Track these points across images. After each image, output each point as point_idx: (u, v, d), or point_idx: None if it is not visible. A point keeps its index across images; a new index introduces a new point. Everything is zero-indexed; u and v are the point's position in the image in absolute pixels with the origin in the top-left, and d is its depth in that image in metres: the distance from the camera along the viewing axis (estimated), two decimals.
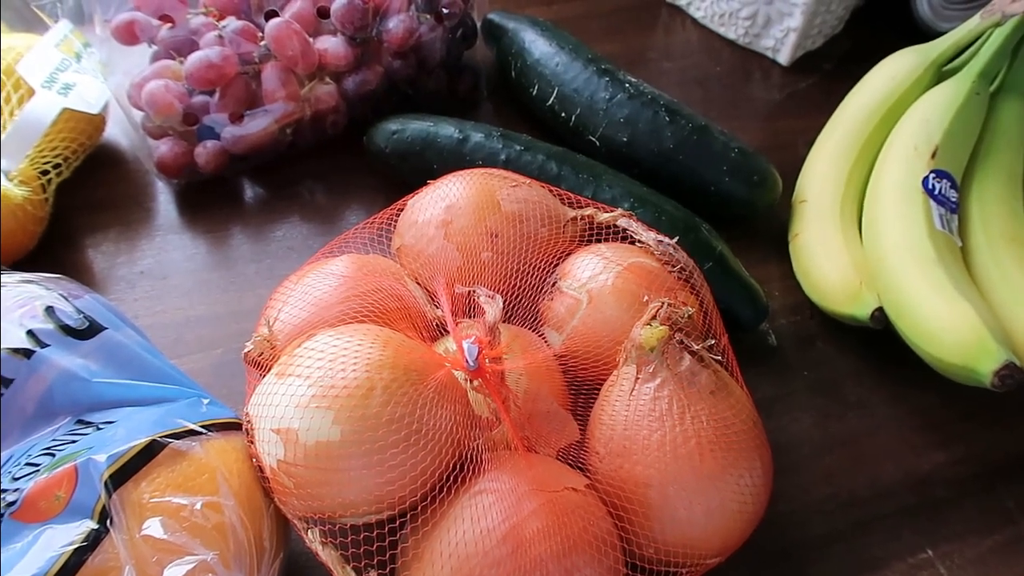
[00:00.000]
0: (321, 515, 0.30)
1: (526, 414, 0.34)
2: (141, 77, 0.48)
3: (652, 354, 0.33)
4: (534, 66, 0.54)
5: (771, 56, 0.64)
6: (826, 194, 0.48)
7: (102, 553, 0.27)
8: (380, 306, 0.36)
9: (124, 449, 0.29)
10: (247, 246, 0.50)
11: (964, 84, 0.46)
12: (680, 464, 0.32)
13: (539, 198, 0.41)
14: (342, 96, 0.51)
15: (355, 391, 0.29)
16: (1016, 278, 0.41)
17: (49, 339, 0.33)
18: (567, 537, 0.29)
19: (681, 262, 0.39)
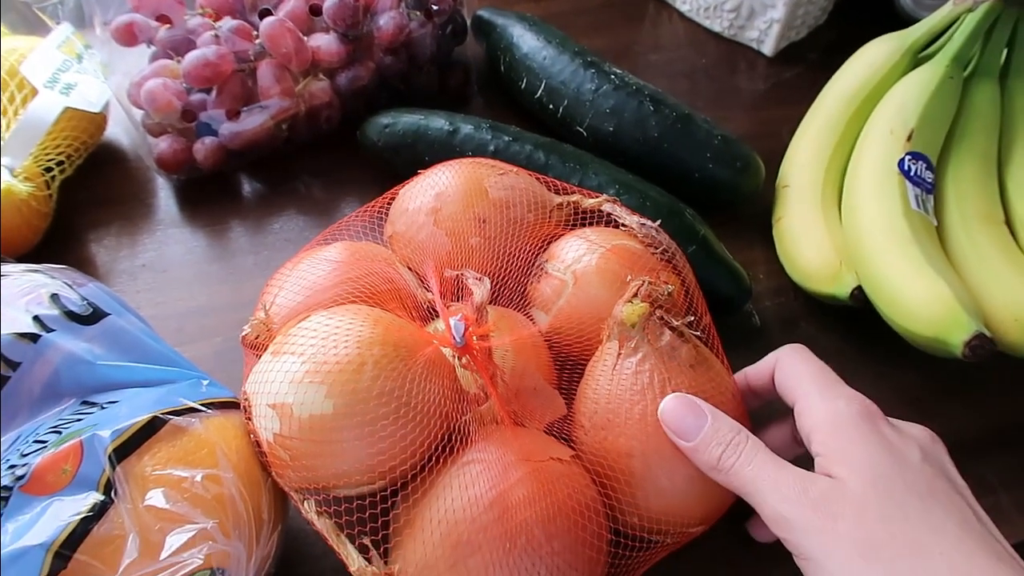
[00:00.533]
0: (316, 486, 0.32)
1: (513, 390, 0.35)
2: (140, 76, 0.50)
3: (633, 330, 0.34)
4: (523, 60, 0.55)
5: (756, 47, 0.65)
6: (808, 179, 0.49)
7: (107, 522, 0.29)
8: (372, 289, 0.37)
9: (127, 425, 0.31)
10: (245, 239, 0.51)
11: (938, 69, 0.47)
12: (661, 435, 0.33)
13: (526, 185, 0.43)
14: (335, 92, 0.53)
15: (347, 366, 0.31)
16: (989, 255, 0.42)
17: (54, 324, 0.34)
18: (551, 504, 0.31)
19: (664, 244, 0.41)
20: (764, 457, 0.31)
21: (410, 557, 0.31)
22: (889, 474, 0.29)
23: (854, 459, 0.29)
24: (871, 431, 0.30)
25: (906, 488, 0.28)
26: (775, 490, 0.30)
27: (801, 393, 0.33)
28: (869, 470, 0.29)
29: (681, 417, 0.32)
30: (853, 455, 0.30)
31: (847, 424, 0.30)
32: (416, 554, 0.30)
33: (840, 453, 0.30)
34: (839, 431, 0.30)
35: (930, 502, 0.28)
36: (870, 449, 0.30)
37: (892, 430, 0.31)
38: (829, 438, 0.31)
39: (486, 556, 0.30)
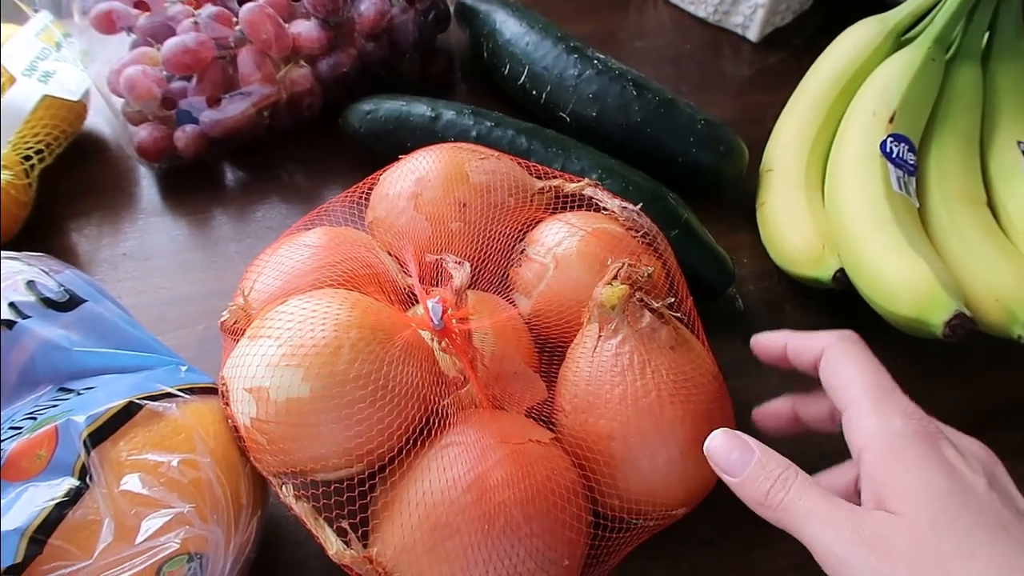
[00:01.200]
0: (294, 470, 0.31)
1: (493, 374, 0.35)
2: (120, 63, 0.49)
3: (613, 312, 0.34)
4: (505, 46, 0.55)
5: (741, 33, 0.65)
6: (791, 162, 0.49)
7: (83, 507, 0.29)
8: (351, 274, 0.37)
9: (102, 410, 0.30)
10: (228, 227, 0.51)
11: (920, 51, 0.47)
12: (641, 416, 0.33)
13: (507, 169, 0.42)
14: (317, 79, 0.52)
15: (323, 349, 0.31)
16: (971, 236, 0.42)
17: (30, 311, 0.34)
18: (530, 485, 0.31)
19: (645, 227, 0.41)
20: (814, 492, 0.28)
21: (388, 540, 0.31)
22: (952, 507, 0.26)
23: (912, 490, 0.26)
24: (931, 455, 0.27)
25: (972, 522, 0.25)
26: (827, 527, 0.27)
27: (851, 402, 0.30)
28: (929, 504, 0.26)
29: (727, 452, 0.30)
30: (911, 486, 0.26)
31: (904, 447, 0.27)
32: (394, 537, 0.30)
33: (896, 484, 0.27)
34: (895, 456, 0.27)
35: (1000, 536, 0.25)
36: (930, 477, 0.26)
37: (954, 452, 0.27)
38: (883, 463, 0.28)
39: (464, 538, 0.30)
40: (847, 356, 0.31)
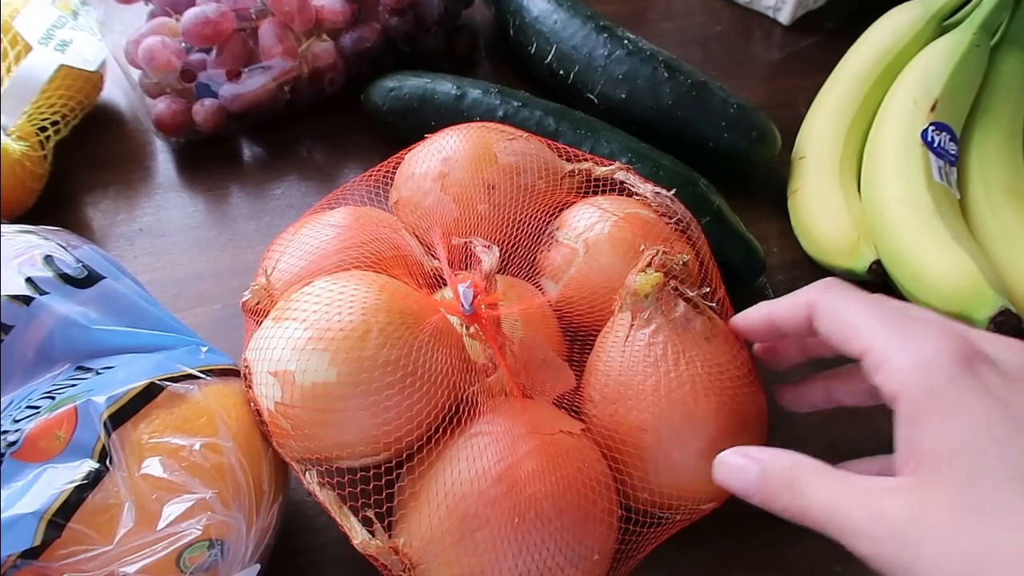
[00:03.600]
0: (318, 457, 0.31)
1: (522, 362, 0.34)
2: (138, 34, 0.48)
3: (647, 301, 0.33)
4: (532, 24, 0.54)
5: (772, 15, 0.63)
6: (825, 150, 0.48)
7: (102, 491, 0.28)
8: (377, 255, 0.36)
9: (123, 391, 0.30)
10: (246, 204, 0.50)
11: (965, 36, 0.46)
12: (674, 408, 0.32)
13: (536, 151, 0.41)
14: (339, 54, 0.51)
15: (351, 333, 0.30)
16: (1014, 229, 0.41)
17: (48, 287, 0.33)
18: (561, 478, 0.30)
19: (678, 213, 0.39)
20: (827, 486, 0.26)
21: (415, 531, 0.30)
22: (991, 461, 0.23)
23: (946, 445, 0.24)
24: (971, 388, 0.24)
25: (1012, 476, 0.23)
26: (850, 528, 0.25)
27: (869, 343, 0.27)
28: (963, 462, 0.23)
29: (726, 475, 0.30)
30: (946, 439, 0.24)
31: (941, 382, 0.24)
32: (421, 527, 0.30)
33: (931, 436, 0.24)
34: (934, 397, 0.24)
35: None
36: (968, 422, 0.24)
37: (996, 375, 0.24)
38: (919, 407, 0.24)
39: (494, 530, 0.29)
40: (842, 299, 0.29)
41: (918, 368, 0.25)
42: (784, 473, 0.27)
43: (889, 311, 0.27)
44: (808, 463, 0.27)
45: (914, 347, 0.25)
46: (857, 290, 0.29)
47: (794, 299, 0.31)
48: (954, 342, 0.25)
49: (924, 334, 0.26)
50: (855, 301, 0.28)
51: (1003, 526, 0.22)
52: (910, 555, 0.23)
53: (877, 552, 0.24)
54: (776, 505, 0.27)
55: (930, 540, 0.23)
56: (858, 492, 0.25)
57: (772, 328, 0.32)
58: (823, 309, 0.29)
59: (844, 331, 0.28)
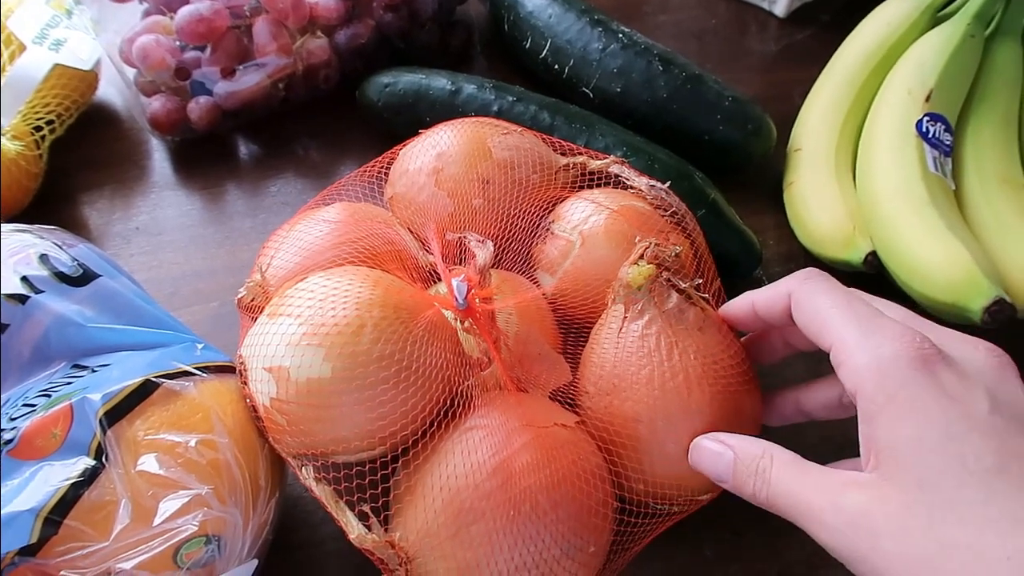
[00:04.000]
0: (314, 452, 0.31)
1: (517, 356, 0.34)
2: (132, 32, 0.48)
3: (640, 292, 0.33)
4: (527, 18, 0.54)
5: (767, 8, 0.63)
6: (821, 142, 0.48)
7: (99, 488, 0.28)
8: (372, 251, 0.36)
9: (118, 388, 0.30)
10: (242, 202, 0.50)
11: (959, 27, 0.46)
12: (668, 398, 0.32)
13: (531, 145, 0.41)
14: (334, 50, 0.51)
15: (345, 329, 0.30)
16: (1008, 219, 0.41)
17: (44, 285, 0.33)
18: (556, 470, 0.30)
19: (673, 206, 0.39)
20: (791, 475, 0.27)
21: (411, 525, 0.30)
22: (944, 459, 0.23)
23: (902, 443, 0.24)
24: (927, 387, 0.24)
25: (965, 472, 0.23)
26: (810, 517, 0.26)
27: (835, 337, 0.27)
28: (918, 460, 0.24)
29: (701, 459, 0.30)
30: (900, 439, 0.24)
31: (898, 385, 0.25)
32: (417, 521, 0.30)
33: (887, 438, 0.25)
34: (888, 397, 0.25)
35: (997, 482, 0.23)
36: (923, 421, 0.24)
37: (953, 375, 0.25)
38: (876, 408, 0.25)
39: (489, 524, 0.29)
40: (817, 291, 0.29)
41: (876, 368, 0.25)
42: (755, 461, 0.28)
43: (860, 307, 0.28)
44: (779, 453, 0.28)
45: (875, 346, 0.26)
46: (834, 283, 0.29)
47: (775, 289, 0.31)
48: (914, 343, 0.25)
49: (886, 334, 0.26)
50: (829, 294, 0.29)
51: (956, 521, 0.23)
52: (867, 547, 0.24)
53: (836, 541, 0.25)
54: (745, 491, 0.28)
55: (886, 534, 0.24)
56: (822, 483, 0.26)
57: (755, 317, 0.32)
58: (799, 300, 0.29)
59: (816, 324, 0.28)
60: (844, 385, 0.27)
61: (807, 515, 0.26)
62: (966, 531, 0.23)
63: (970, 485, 0.23)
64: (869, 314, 0.27)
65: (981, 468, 0.23)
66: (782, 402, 0.35)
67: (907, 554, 0.23)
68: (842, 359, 0.27)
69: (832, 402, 0.33)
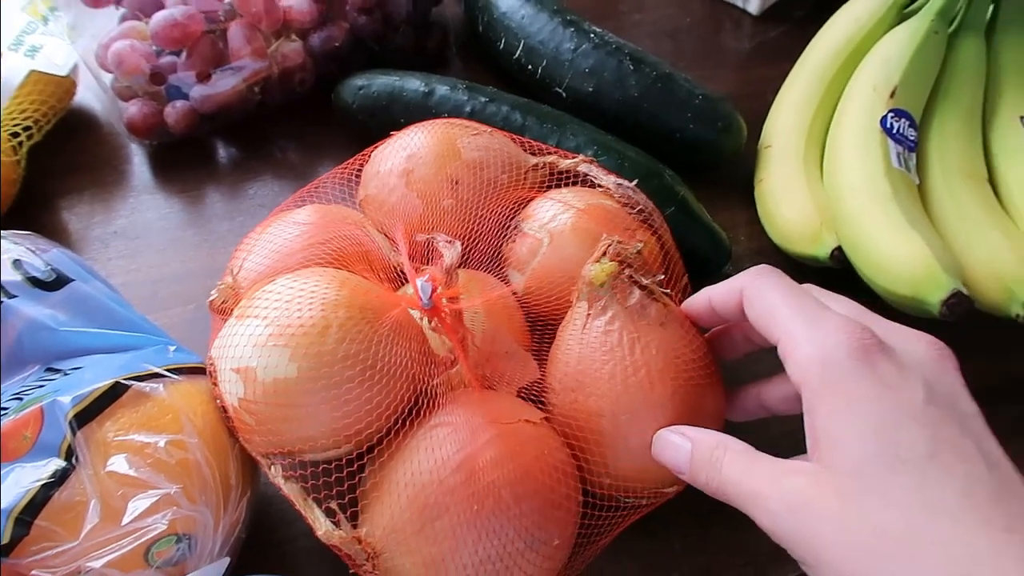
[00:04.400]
0: (282, 451, 0.31)
1: (485, 354, 0.35)
2: (108, 38, 0.49)
3: (602, 290, 0.34)
4: (500, 19, 0.54)
5: (741, 6, 0.64)
6: (790, 139, 0.48)
7: (69, 488, 0.29)
8: (341, 253, 0.36)
9: (88, 391, 0.30)
10: (220, 204, 0.51)
11: (923, 23, 0.46)
12: (631, 393, 0.32)
13: (500, 146, 0.42)
14: (308, 53, 0.52)
15: (311, 329, 0.30)
16: (971, 213, 0.41)
17: (16, 290, 0.34)
18: (520, 465, 0.30)
19: (640, 204, 0.40)
20: (740, 464, 0.28)
21: (377, 520, 0.30)
22: (879, 447, 0.24)
23: (840, 432, 0.25)
24: (865, 377, 0.25)
25: (899, 460, 0.24)
26: (756, 503, 0.27)
27: (783, 331, 0.28)
28: (854, 448, 0.25)
29: (662, 450, 0.31)
30: (839, 430, 0.25)
31: (837, 374, 0.26)
32: (383, 517, 0.30)
33: (828, 428, 0.25)
34: (828, 387, 0.26)
35: (929, 470, 0.24)
36: (860, 410, 0.25)
37: (891, 366, 0.26)
38: (819, 401, 0.26)
39: (454, 518, 0.29)
40: (767, 287, 0.30)
41: (819, 359, 0.26)
42: (710, 451, 0.29)
43: (807, 302, 0.28)
44: (732, 443, 0.29)
45: (818, 339, 0.27)
46: (784, 279, 0.30)
47: (729, 285, 0.32)
48: (855, 334, 0.26)
49: (829, 327, 0.27)
50: (778, 289, 0.29)
51: (889, 507, 0.24)
52: (807, 532, 0.25)
53: (778, 526, 0.26)
54: (699, 480, 0.29)
55: (824, 519, 0.24)
56: (767, 471, 0.27)
57: (713, 313, 0.33)
58: (749, 296, 0.30)
59: (764, 319, 0.29)
60: (791, 378, 0.27)
61: (753, 501, 0.27)
62: (898, 516, 0.23)
63: (903, 472, 0.24)
64: (815, 308, 0.28)
65: (914, 455, 0.24)
66: (744, 397, 0.35)
67: (844, 538, 0.24)
68: (788, 352, 0.28)
69: (791, 397, 0.33)
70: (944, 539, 0.23)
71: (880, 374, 0.25)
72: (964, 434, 0.25)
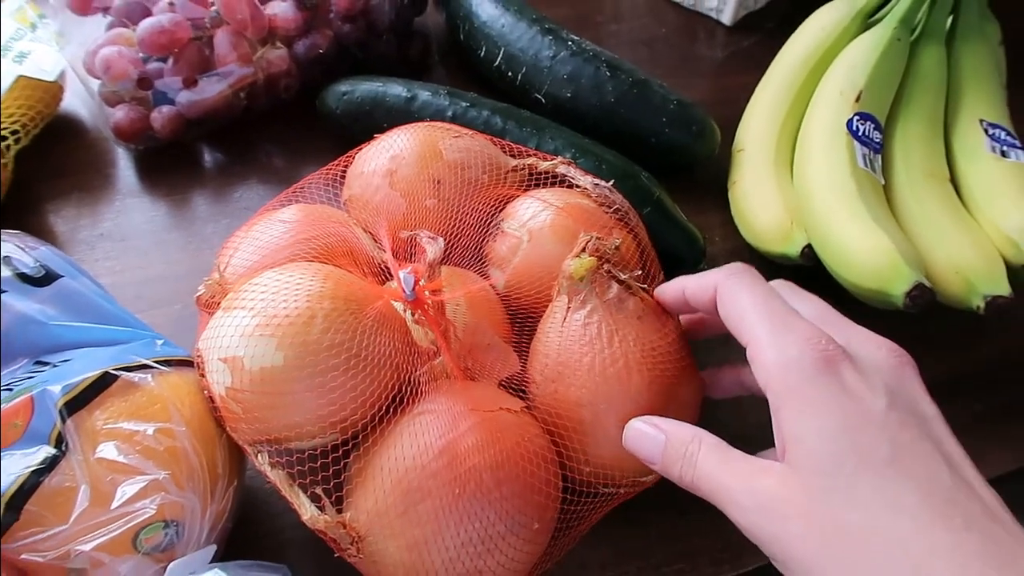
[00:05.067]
0: (268, 438, 0.32)
1: (467, 346, 0.36)
2: (95, 44, 0.49)
3: (582, 284, 0.35)
4: (481, 28, 0.56)
5: (715, 17, 0.66)
6: (762, 142, 0.50)
7: (59, 474, 0.29)
8: (326, 248, 0.37)
9: (78, 380, 0.31)
10: (206, 208, 0.51)
11: (886, 31, 0.48)
12: (609, 383, 0.34)
13: (481, 148, 0.43)
14: (293, 60, 0.53)
15: (296, 319, 0.31)
16: (933, 211, 0.43)
17: (6, 286, 0.34)
18: (501, 450, 0.31)
19: (617, 203, 0.41)
20: (714, 460, 0.29)
21: (362, 505, 0.31)
22: (843, 449, 0.25)
23: (804, 436, 0.26)
24: (828, 385, 0.26)
25: (861, 462, 0.25)
26: (728, 499, 0.28)
27: (750, 335, 0.29)
28: (819, 449, 0.26)
29: (635, 441, 0.32)
30: (803, 431, 0.26)
31: (802, 382, 0.27)
32: (368, 502, 0.31)
33: (793, 430, 0.27)
34: (793, 394, 0.27)
35: (889, 472, 0.25)
36: (822, 417, 0.26)
37: (854, 374, 0.27)
38: (783, 404, 0.27)
39: (436, 501, 0.30)
40: (740, 287, 0.30)
41: (783, 366, 0.27)
42: (684, 445, 0.30)
43: (775, 307, 0.29)
44: (706, 438, 0.30)
45: (783, 346, 0.28)
46: (756, 280, 0.31)
47: (703, 279, 0.33)
48: (819, 346, 0.27)
49: (794, 335, 0.28)
50: (749, 291, 0.30)
51: (851, 507, 0.25)
52: (776, 528, 0.26)
53: (749, 522, 0.27)
54: (672, 473, 0.30)
55: (792, 517, 0.26)
56: (740, 469, 0.28)
57: (685, 302, 0.34)
58: (722, 294, 0.31)
59: (734, 320, 0.30)
60: (758, 381, 0.29)
61: (725, 497, 0.28)
62: (860, 515, 0.25)
63: (865, 474, 0.25)
64: (783, 313, 0.29)
65: (875, 459, 0.25)
66: (723, 376, 0.37)
67: (810, 536, 0.25)
68: (755, 356, 0.29)
69: None
70: (904, 536, 0.24)
71: (843, 382, 0.27)
72: (924, 437, 0.26)
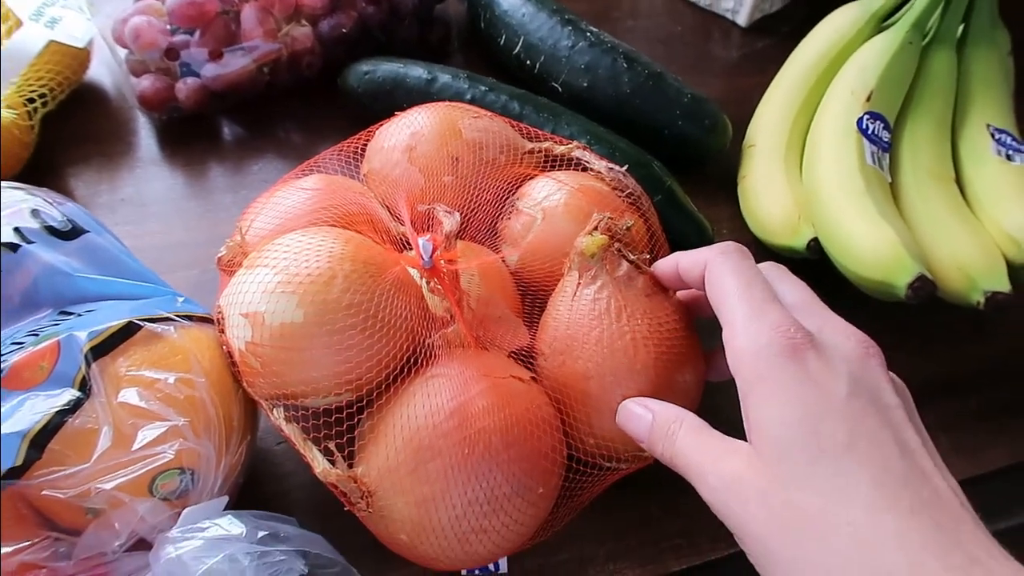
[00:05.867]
0: (285, 393, 0.33)
1: (479, 317, 0.37)
2: (125, 13, 0.50)
3: (593, 260, 0.36)
4: (502, 16, 0.57)
5: (730, 18, 0.67)
6: (773, 138, 0.51)
7: (82, 416, 0.30)
8: (347, 215, 0.38)
9: (103, 327, 0.32)
10: (224, 179, 0.52)
11: (899, 34, 0.49)
12: (616, 357, 0.34)
13: (499, 129, 0.44)
14: (317, 38, 0.54)
15: (318, 278, 0.32)
16: (937, 209, 0.44)
17: (34, 237, 0.35)
18: (510, 415, 0.32)
19: (630, 187, 0.42)
20: (691, 438, 0.30)
21: (373, 461, 0.32)
22: (802, 435, 0.26)
23: (767, 421, 0.27)
24: (794, 372, 0.27)
25: (819, 448, 0.26)
26: (699, 476, 0.29)
27: (727, 319, 0.30)
28: (780, 435, 0.27)
29: (626, 420, 0.33)
30: (767, 416, 0.27)
31: (769, 369, 0.27)
32: (379, 458, 0.32)
33: (758, 414, 0.27)
34: (761, 380, 0.28)
35: (846, 458, 0.25)
36: (786, 402, 0.27)
37: (819, 362, 0.27)
38: (750, 389, 0.28)
39: (446, 460, 0.31)
40: (727, 267, 0.31)
41: (752, 352, 0.28)
42: (667, 424, 0.31)
43: (756, 292, 0.30)
44: (689, 419, 0.31)
45: (754, 333, 0.28)
46: (745, 261, 0.31)
47: (696, 256, 0.33)
48: (787, 334, 0.28)
49: (765, 323, 0.28)
50: (735, 274, 0.30)
51: (808, 491, 0.26)
52: (739, 508, 0.27)
53: (715, 500, 0.28)
54: (656, 450, 0.31)
55: (753, 498, 0.27)
56: (713, 448, 0.29)
57: (678, 277, 0.35)
58: (710, 272, 0.32)
59: (716, 301, 0.31)
60: (729, 365, 0.29)
61: (697, 475, 0.29)
62: (816, 500, 0.25)
63: (822, 460, 0.26)
64: (761, 300, 0.29)
65: (833, 445, 0.26)
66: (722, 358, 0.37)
67: (769, 517, 0.26)
68: (727, 340, 0.30)
69: None
70: (855, 521, 0.25)
71: (808, 370, 0.27)
72: (884, 425, 0.26)
